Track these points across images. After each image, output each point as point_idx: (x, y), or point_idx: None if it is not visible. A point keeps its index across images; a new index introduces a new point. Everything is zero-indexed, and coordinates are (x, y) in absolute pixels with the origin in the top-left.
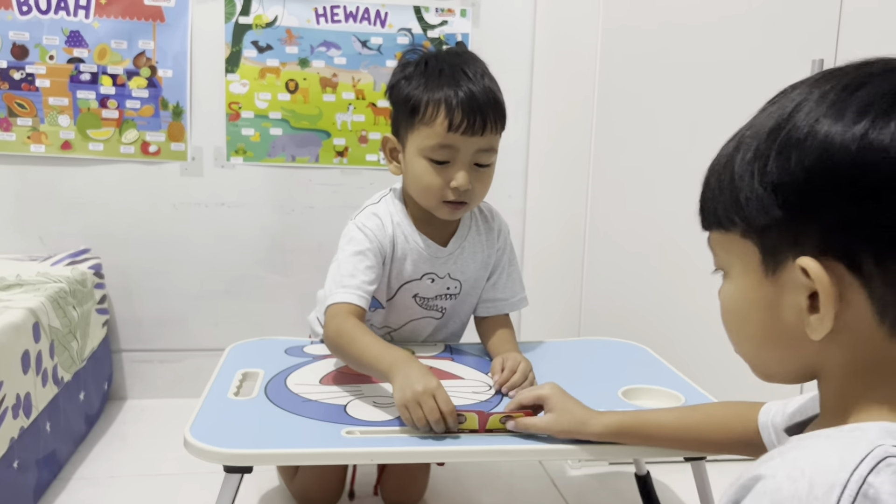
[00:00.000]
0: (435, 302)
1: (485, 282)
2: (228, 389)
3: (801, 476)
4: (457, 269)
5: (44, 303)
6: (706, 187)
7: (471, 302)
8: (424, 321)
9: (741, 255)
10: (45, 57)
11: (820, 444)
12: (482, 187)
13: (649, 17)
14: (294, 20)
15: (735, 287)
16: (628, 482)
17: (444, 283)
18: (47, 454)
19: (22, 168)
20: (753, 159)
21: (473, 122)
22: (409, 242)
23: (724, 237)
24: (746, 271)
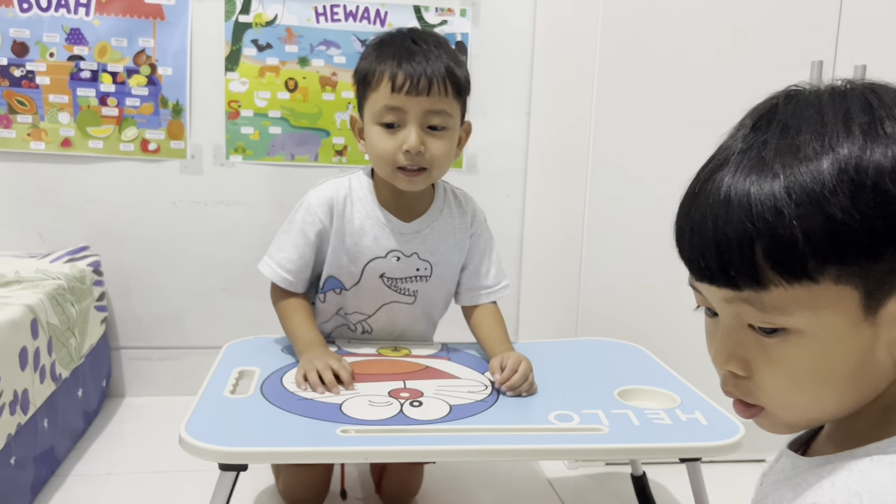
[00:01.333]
0: (405, 284)
1: (459, 268)
2: (224, 387)
3: (861, 502)
4: (426, 250)
5: (42, 300)
6: (781, 236)
7: (446, 289)
8: (397, 307)
9: (832, 304)
10: (46, 54)
11: (867, 466)
12: (440, 152)
13: (649, 17)
14: (294, 19)
15: (822, 346)
16: (624, 483)
17: (412, 264)
18: (45, 451)
19: (22, 165)
20: (853, 193)
21: (417, 82)
22: (370, 217)
23: (807, 291)
24: (838, 321)
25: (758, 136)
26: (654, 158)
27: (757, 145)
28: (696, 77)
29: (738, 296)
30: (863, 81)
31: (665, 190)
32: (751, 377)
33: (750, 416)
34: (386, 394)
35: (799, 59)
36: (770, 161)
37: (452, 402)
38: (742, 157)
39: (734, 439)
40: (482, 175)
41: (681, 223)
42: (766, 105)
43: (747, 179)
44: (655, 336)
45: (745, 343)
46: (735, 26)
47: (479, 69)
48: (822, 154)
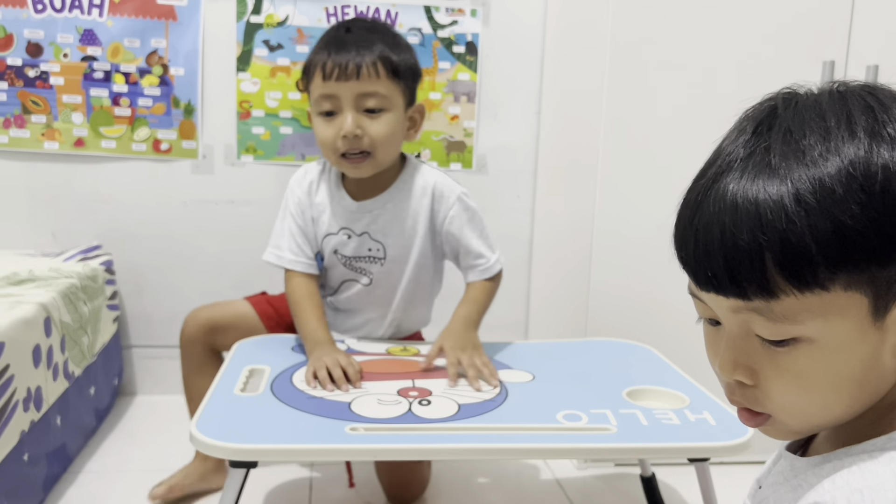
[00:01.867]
0: (359, 264)
1: (424, 254)
2: (235, 385)
3: (862, 499)
4: (377, 229)
5: (55, 298)
6: (792, 244)
7: (409, 275)
8: (355, 287)
9: (842, 311)
10: (60, 55)
11: (866, 463)
12: (379, 134)
13: (659, 17)
14: (305, 19)
15: (832, 353)
16: (633, 483)
17: (363, 243)
18: (57, 447)
19: (35, 165)
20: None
21: (345, 67)
22: (331, 195)
23: (818, 299)
24: (847, 328)
25: (760, 141)
26: (665, 159)
27: (760, 151)
28: (707, 77)
29: (746, 305)
30: (858, 83)
31: (675, 191)
32: (757, 385)
33: (756, 424)
34: (395, 392)
35: (810, 59)
36: (776, 167)
37: (461, 401)
38: (746, 164)
39: (743, 440)
40: (492, 175)
41: (683, 232)
42: (765, 109)
43: (754, 186)
44: (664, 336)
45: (752, 351)
46: (747, 26)
47: (489, 69)
48: (828, 158)
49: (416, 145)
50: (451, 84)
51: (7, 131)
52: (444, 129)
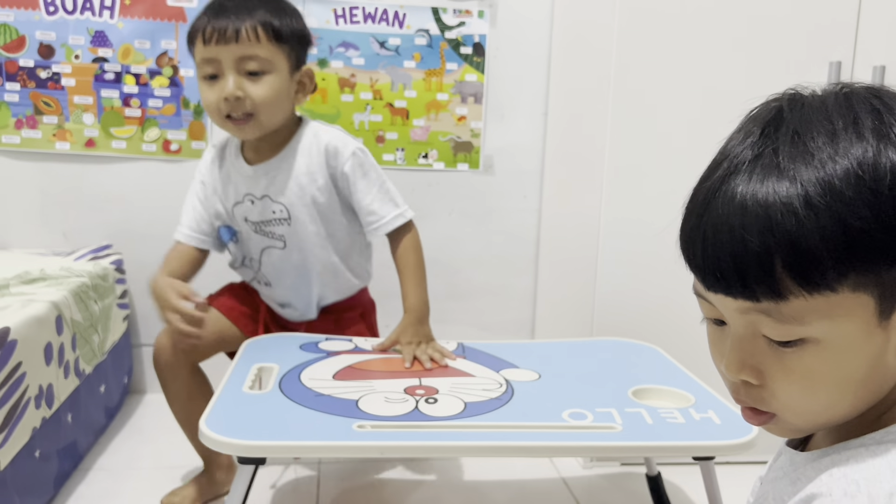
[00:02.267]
0: (269, 228)
1: (326, 211)
2: (244, 383)
3: (858, 490)
4: (276, 191)
5: (66, 296)
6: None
7: (317, 234)
8: (274, 253)
9: (849, 312)
10: (71, 56)
11: (863, 455)
12: (261, 96)
13: (666, 18)
14: (313, 21)
15: (838, 353)
16: (639, 482)
17: (265, 206)
18: (68, 444)
19: (47, 165)
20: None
21: (224, 31)
22: (232, 164)
23: (826, 300)
24: (853, 329)
25: (767, 143)
26: (672, 159)
27: (768, 153)
28: (714, 78)
29: (754, 307)
30: (862, 85)
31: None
32: (763, 385)
33: (761, 423)
34: (402, 391)
35: (817, 59)
36: (784, 168)
37: (467, 399)
38: (754, 165)
39: (747, 438)
40: (498, 175)
41: (690, 233)
42: (771, 110)
43: (763, 188)
44: (670, 336)
45: (758, 352)
46: (753, 27)
47: (496, 70)
48: (836, 160)
49: (423, 146)
50: (459, 85)
51: (19, 132)
52: (451, 130)
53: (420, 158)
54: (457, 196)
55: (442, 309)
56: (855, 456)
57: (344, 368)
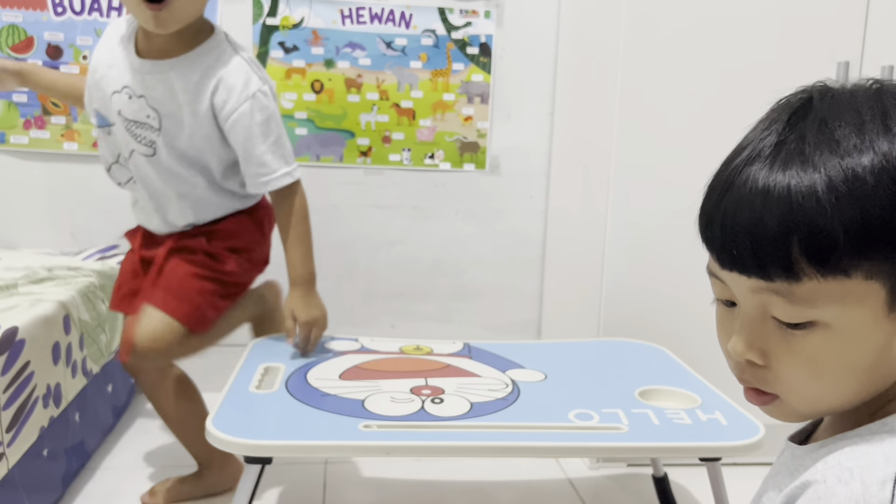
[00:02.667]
0: (139, 130)
1: (197, 137)
2: (250, 383)
3: (852, 477)
4: (155, 97)
5: (74, 296)
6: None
7: (190, 158)
8: (140, 159)
9: (860, 299)
10: (79, 57)
11: (857, 444)
12: None
13: (673, 18)
14: (320, 21)
15: (847, 339)
16: (646, 484)
17: (141, 107)
18: (76, 443)
19: (55, 165)
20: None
21: None
22: (121, 47)
23: (839, 285)
24: (863, 317)
25: (794, 129)
26: (679, 159)
27: (794, 139)
28: (721, 77)
29: (768, 286)
30: (891, 82)
31: (689, 191)
32: (768, 366)
33: (762, 403)
34: (408, 391)
35: (825, 59)
36: (809, 154)
37: (473, 399)
38: (779, 150)
39: (754, 440)
40: (505, 176)
41: (711, 210)
42: (799, 99)
43: (787, 172)
44: (677, 337)
45: (766, 333)
46: (761, 26)
47: (502, 70)
48: (862, 150)
49: (429, 146)
50: (465, 85)
51: (27, 132)
52: (457, 130)
53: (426, 159)
54: (463, 196)
55: (448, 309)
56: (850, 444)
57: (350, 368)
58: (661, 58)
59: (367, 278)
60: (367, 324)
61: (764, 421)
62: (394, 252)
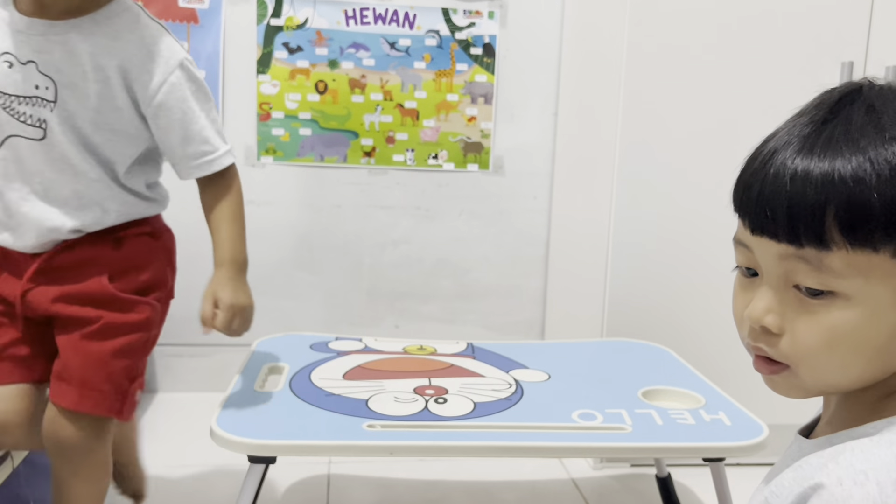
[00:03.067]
0: (25, 108)
1: (116, 119)
2: (254, 382)
3: (867, 479)
4: (49, 62)
5: None
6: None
7: (95, 140)
8: (22, 144)
9: (884, 276)
10: None
11: (867, 446)
12: None
13: (676, 17)
14: (324, 22)
15: (865, 314)
16: (649, 484)
17: (30, 77)
18: None
19: None
20: None
21: None
22: (3, 8)
23: (866, 259)
24: (884, 294)
25: (841, 112)
26: (683, 159)
27: (842, 120)
28: (725, 78)
29: (796, 253)
30: None
31: (692, 191)
32: (782, 335)
33: (771, 372)
34: (411, 391)
35: (829, 59)
36: (855, 135)
37: (476, 399)
38: (825, 128)
39: (758, 440)
40: (509, 176)
41: (748, 180)
42: (849, 87)
43: (831, 148)
44: (681, 337)
45: (786, 301)
46: (764, 26)
47: (506, 71)
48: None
49: (433, 146)
50: (469, 86)
51: None
52: (461, 131)
53: (430, 159)
54: (467, 197)
55: (451, 309)
56: (860, 446)
57: (354, 368)
58: (664, 58)
59: (370, 278)
60: (370, 324)
61: (768, 421)
62: (397, 252)
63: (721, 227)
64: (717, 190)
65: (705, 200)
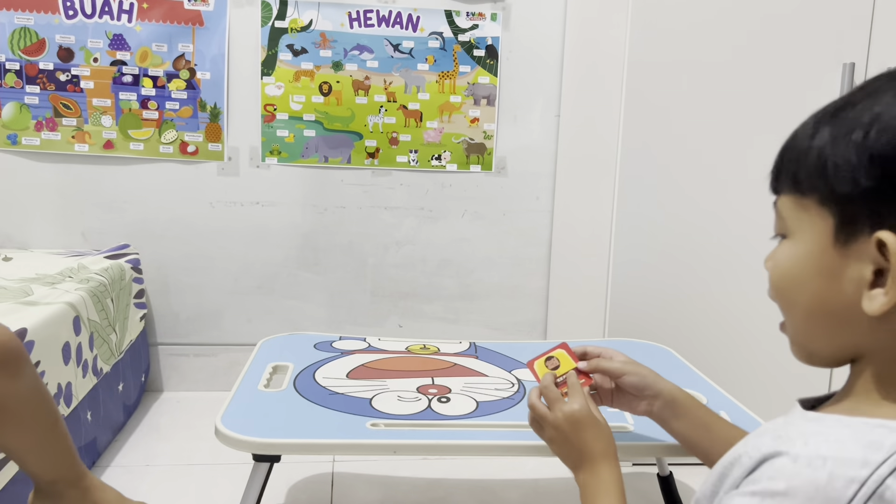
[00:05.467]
0: None
1: None
2: (259, 381)
3: (823, 465)
4: None
5: (84, 297)
6: (790, 151)
7: None
8: None
9: (813, 221)
10: (90, 59)
11: (843, 434)
12: None
13: (678, 20)
14: (328, 24)
15: (798, 250)
16: (651, 482)
17: None
18: (87, 442)
19: (66, 166)
20: (851, 129)
21: None
22: None
23: (797, 202)
24: (815, 238)
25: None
26: (684, 160)
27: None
28: (726, 79)
29: (775, 204)
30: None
31: (695, 191)
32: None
33: (782, 330)
34: (415, 390)
35: (830, 60)
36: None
37: (479, 398)
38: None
39: None
40: (511, 177)
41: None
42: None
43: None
44: (683, 337)
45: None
46: (765, 28)
47: (509, 72)
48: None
49: (436, 147)
50: (472, 87)
51: (39, 134)
52: (464, 132)
53: (433, 160)
54: (470, 197)
55: (455, 309)
56: (835, 431)
57: (358, 367)
58: (666, 59)
59: (374, 278)
60: (374, 323)
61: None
62: (401, 252)
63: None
64: (718, 190)
65: (706, 201)
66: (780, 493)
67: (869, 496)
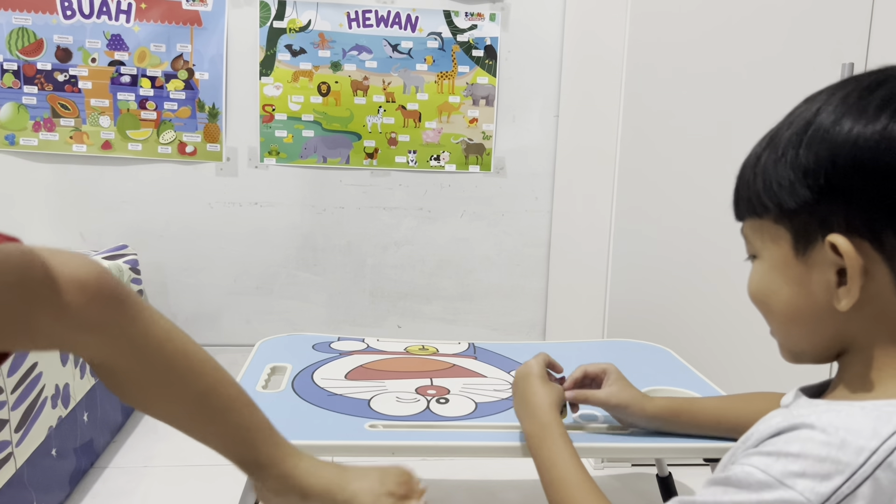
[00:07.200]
0: None
1: None
2: (257, 382)
3: (836, 432)
4: None
5: None
6: (741, 180)
7: None
8: None
9: (774, 238)
10: (88, 60)
11: (854, 412)
12: None
13: (677, 20)
14: (327, 24)
15: (766, 268)
16: (650, 483)
17: None
18: (84, 443)
19: (64, 167)
20: (785, 151)
21: None
22: None
23: (757, 224)
24: (778, 253)
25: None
26: (682, 160)
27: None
28: (725, 79)
29: (742, 228)
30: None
31: (692, 192)
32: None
33: (772, 334)
34: (413, 391)
35: (829, 61)
36: (766, 137)
37: (478, 399)
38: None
39: None
40: (510, 177)
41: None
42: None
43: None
44: (681, 337)
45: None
46: (764, 29)
47: (507, 73)
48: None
49: (435, 148)
50: (471, 87)
51: (37, 134)
52: (463, 132)
53: (432, 160)
54: (468, 198)
55: (453, 309)
56: (847, 410)
57: (356, 368)
58: (664, 60)
59: (373, 279)
60: (373, 324)
61: None
62: (400, 253)
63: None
64: (716, 191)
65: (705, 201)
66: (794, 454)
67: (878, 464)
